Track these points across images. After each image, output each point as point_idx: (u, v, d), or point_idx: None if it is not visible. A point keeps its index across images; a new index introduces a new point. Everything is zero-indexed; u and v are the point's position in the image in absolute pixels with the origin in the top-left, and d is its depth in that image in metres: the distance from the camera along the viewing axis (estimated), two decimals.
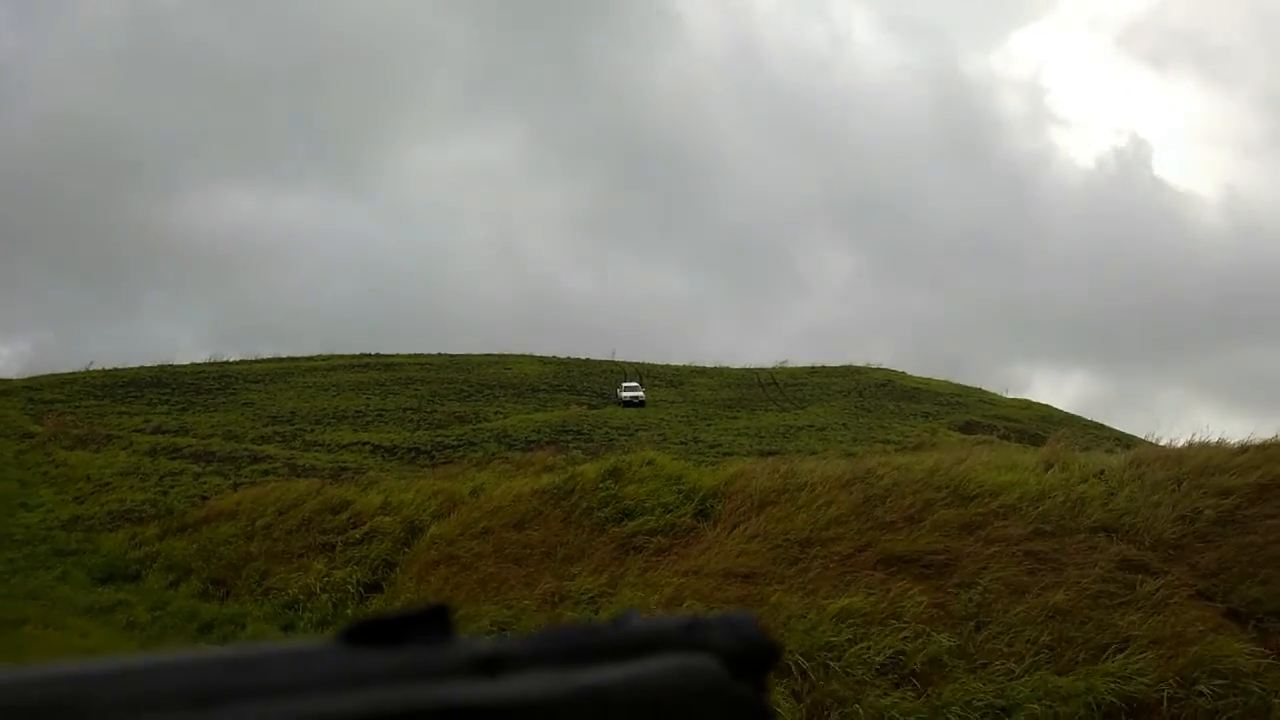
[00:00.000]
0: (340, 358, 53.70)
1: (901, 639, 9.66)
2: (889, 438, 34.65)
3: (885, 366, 60.04)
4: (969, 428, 40.29)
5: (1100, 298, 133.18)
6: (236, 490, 20.48)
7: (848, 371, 57.62)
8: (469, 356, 55.88)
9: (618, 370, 53.75)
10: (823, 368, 58.89)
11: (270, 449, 28.18)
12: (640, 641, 0.59)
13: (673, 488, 14.36)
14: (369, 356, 54.66)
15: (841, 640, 9.81)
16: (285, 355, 54.38)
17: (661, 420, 38.37)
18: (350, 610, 13.82)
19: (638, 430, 34.03)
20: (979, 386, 56.86)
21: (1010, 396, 55.17)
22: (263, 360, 52.37)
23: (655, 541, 13.20)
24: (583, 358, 58.75)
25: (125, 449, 26.40)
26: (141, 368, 47.14)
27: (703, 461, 20.64)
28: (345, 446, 30.04)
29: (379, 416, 36.57)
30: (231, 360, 52.23)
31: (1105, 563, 10.49)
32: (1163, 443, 15.74)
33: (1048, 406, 53.08)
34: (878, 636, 9.74)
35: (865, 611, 10.22)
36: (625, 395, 43.94)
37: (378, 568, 14.85)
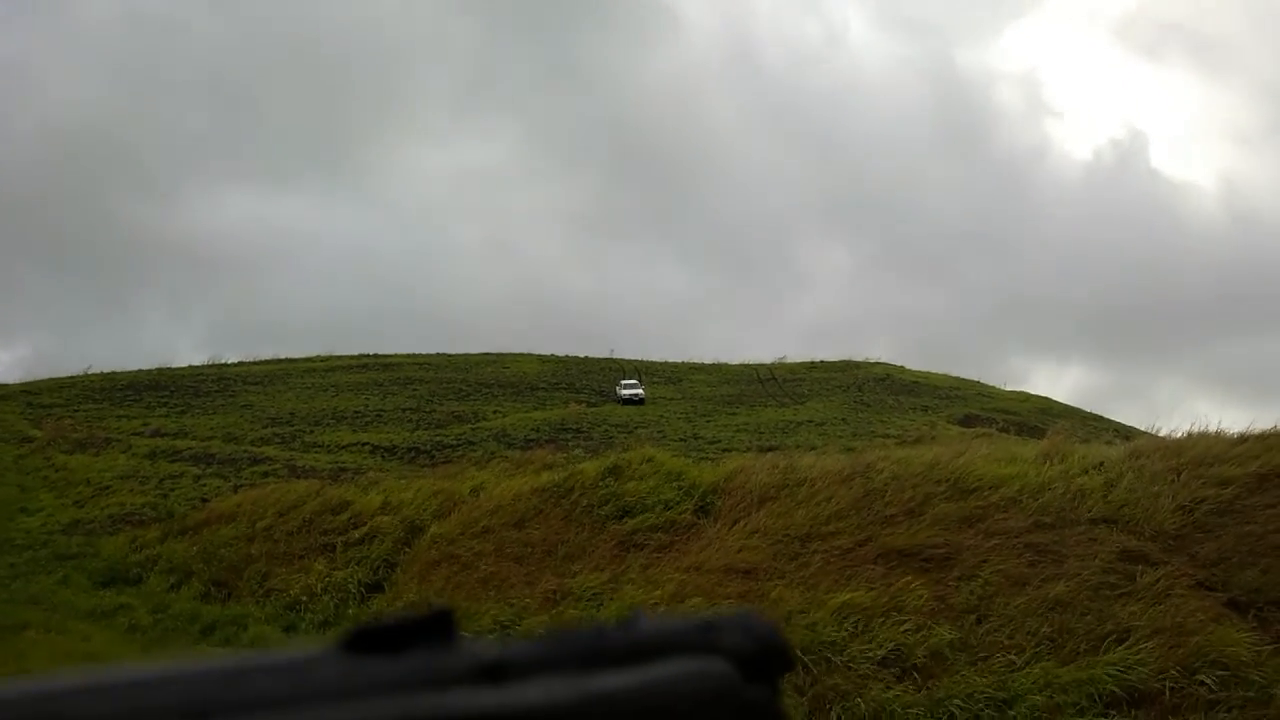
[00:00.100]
0: (339, 358, 53.64)
1: (902, 632, 9.67)
2: (888, 432, 34.67)
3: (884, 361, 60.05)
4: (968, 421, 40.34)
5: (1098, 289, 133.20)
6: (237, 492, 20.47)
7: (846, 366, 57.62)
8: (467, 356, 55.83)
9: (616, 368, 53.72)
10: (821, 363, 58.88)
11: (270, 450, 28.17)
12: (650, 645, 0.57)
13: (673, 484, 14.36)
14: (367, 357, 54.61)
15: (843, 634, 9.83)
16: (284, 356, 54.30)
17: (661, 417, 38.36)
18: (352, 610, 13.82)
19: (637, 428, 34.03)
20: (977, 379, 56.92)
21: (1009, 389, 55.20)
22: (261, 362, 52.30)
23: (656, 538, 13.21)
24: (581, 356, 58.70)
25: (125, 452, 26.38)
26: (140, 371, 47.04)
27: (702, 458, 20.66)
28: (345, 447, 30.03)
29: (378, 417, 36.55)
30: (230, 362, 52.15)
31: (1105, 554, 10.51)
32: (1162, 434, 15.79)
33: (1046, 399, 53.11)
34: (879, 630, 9.76)
35: (866, 605, 10.24)
36: (625, 393, 43.64)
37: (379, 568, 14.85)
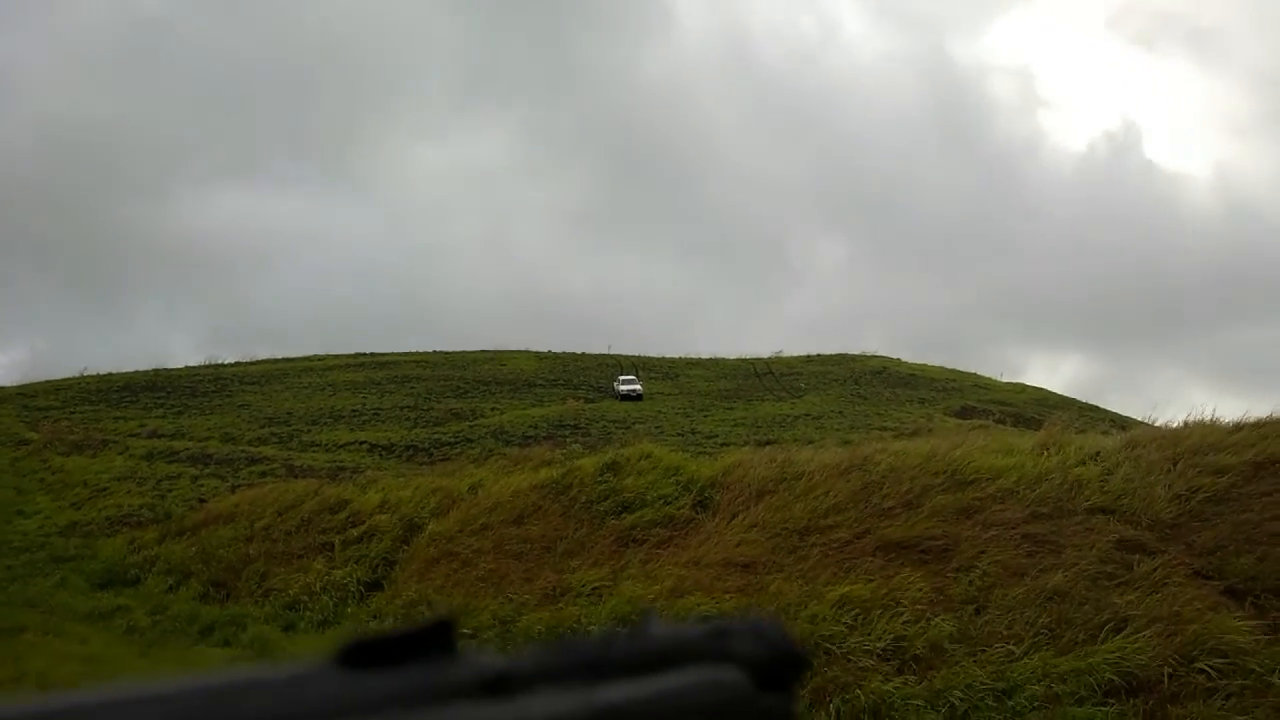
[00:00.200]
0: (336, 357, 53.55)
1: (901, 624, 9.69)
2: (885, 425, 34.71)
3: (880, 354, 60.17)
4: (965, 413, 40.40)
5: (1094, 280, 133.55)
6: (234, 492, 20.45)
7: (843, 359, 57.68)
8: (464, 353, 55.75)
9: (613, 364, 53.70)
10: (818, 356, 58.93)
11: (267, 450, 28.13)
12: (659, 654, 0.55)
13: (671, 479, 14.38)
14: (364, 356, 54.52)
15: (841, 627, 9.85)
16: (280, 356, 54.22)
17: (658, 412, 38.37)
18: (351, 609, 13.82)
19: (634, 423, 34.04)
20: (974, 371, 57.04)
21: (1005, 381, 55.34)
22: (258, 361, 52.20)
23: (655, 533, 13.23)
24: (578, 352, 58.66)
25: (121, 454, 26.32)
26: (136, 372, 46.92)
27: (700, 453, 20.68)
28: (342, 446, 30.00)
29: (375, 415, 36.51)
30: (226, 362, 52.05)
31: (1103, 544, 10.53)
32: (1158, 423, 15.81)
33: (1043, 390, 53.21)
34: (878, 622, 9.78)
35: (865, 598, 10.26)
36: (623, 389, 43.45)
37: (377, 566, 14.85)
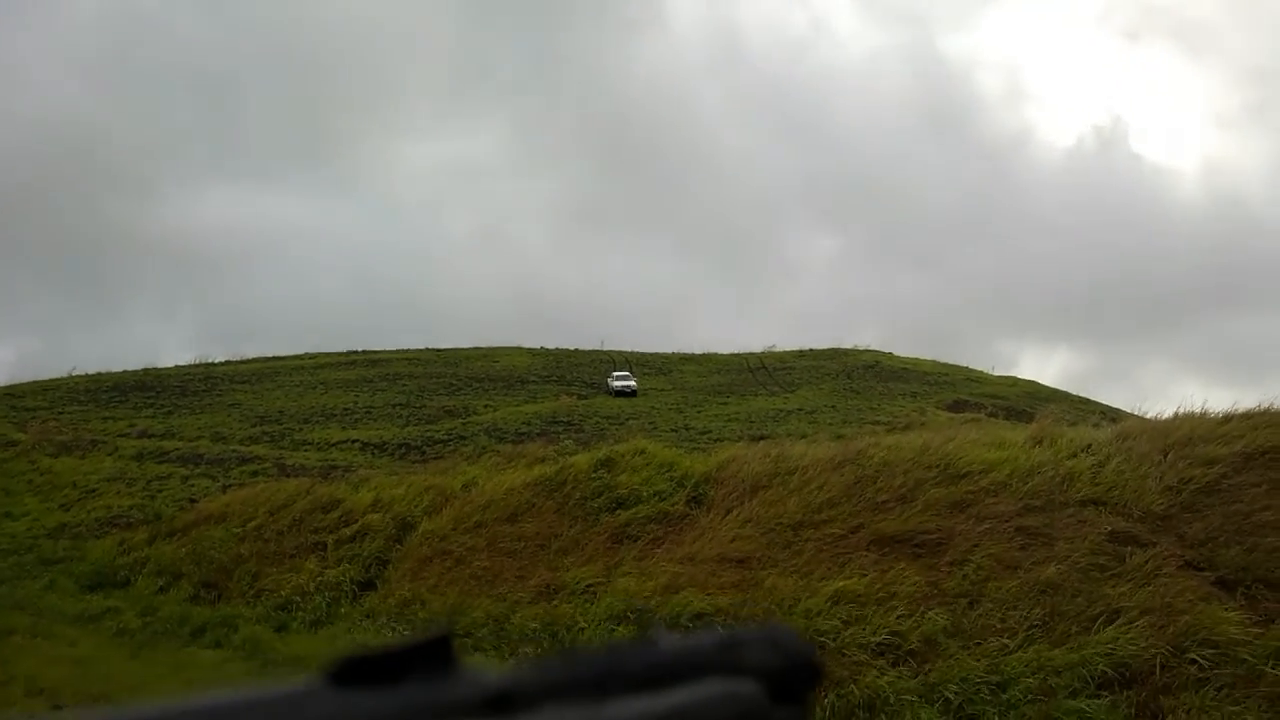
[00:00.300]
0: (327, 356, 53.35)
1: (896, 618, 9.69)
2: (878, 419, 34.76)
3: (872, 348, 60.25)
4: (957, 406, 40.50)
5: (1083, 273, 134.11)
6: (225, 492, 20.34)
7: (835, 354, 57.75)
8: (457, 350, 55.64)
9: (606, 360, 53.63)
10: (810, 351, 58.99)
11: (258, 449, 28.00)
12: (670, 666, 0.52)
13: (665, 475, 14.35)
14: (356, 354, 54.33)
15: (836, 622, 9.85)
16: (271, 355, 54.00)
17: (652, 408, 38.35)
18: (344, 609, 13.76)
19: (628, 419, 34.01)
20: (966, 365, 57.18)
21: (997, 374, 55.50)
22: (248, 360, 51.98)
23: (649, 530, 13.20)
24: (571, 348, 58.62)
25: (111, 454, 26.17)
26: (125, 372, 46.68)
27: (694, 448, 20.65)
28: (334, 445, 29.89)
29: (367, 413, 36.40)
30: (217, 361, 51.83)
31: (1095, 536, 10.55)
32: (1148, 415, 15.83)
33: (1034, 383, 53.40)
34: (872, 616, 9.78)
35: (859, 592, 10.26)
36: (617, 385, 43.20)
37: (370, 565, 14.78)
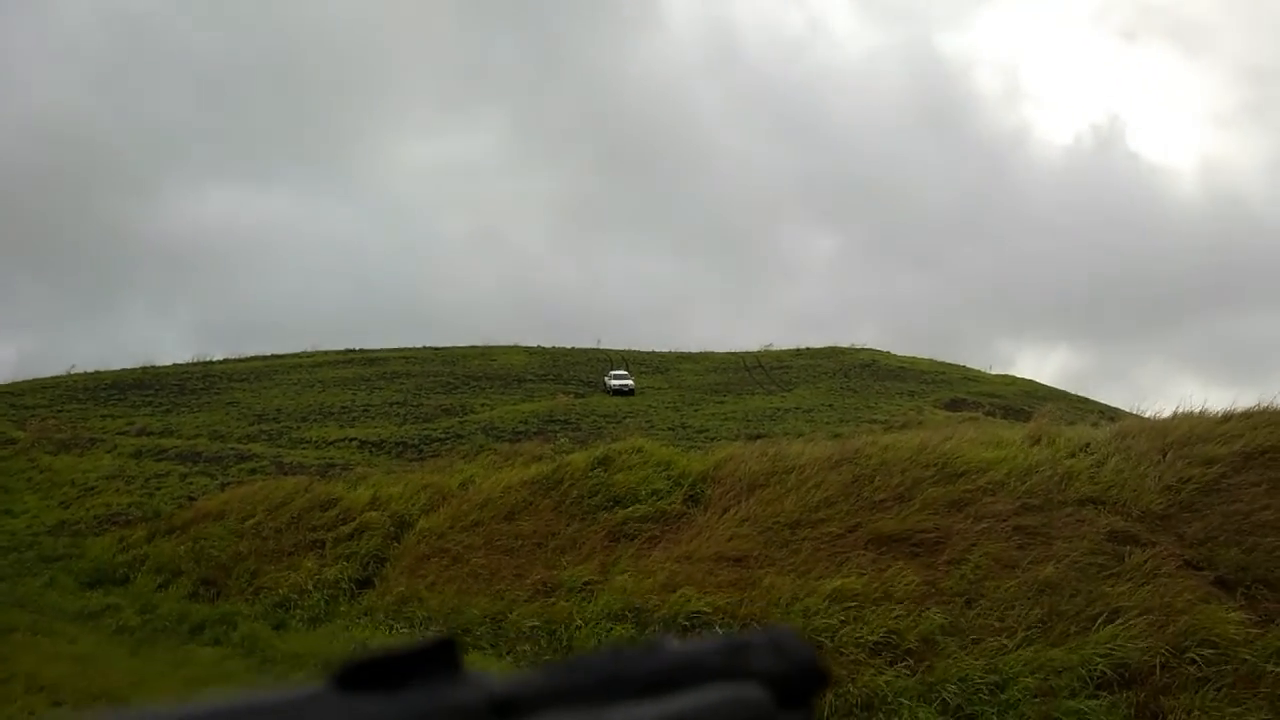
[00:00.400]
0: (325, 354, 53.34)
1: (894, 618, 9.70)
2: (875, 417, 34.76)
3: (869, 347, 60.27)
4: (955, 405, 40.51)
5: (1081, 272, 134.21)
6: (224, 490, 20.33)
7: (832, 353, 57.76)
8: (454, 349, 55.65)
9: (603, 358, 53.63)
10: (807, 350, 59.01)
11: (257, 448, 27.98)
12: (674, 671, 0.52)
13: (662, 474, 14.35)
14: (354, 352, 54.33)
15: (834, 621, 9.85)
16: (269, 353, 54.00)
17: (649, 407, 38.35)
18: (342, 606, 13.75)
19: (625, 418, 34.01)
20: (963, 364, 57.19)
21: (995, 373, 55.51)
22: (247, 359, 51.97)
23: (646, 528, 13.20)
24: (568, 347, 58.64)
25: (110, 452, 26.14)
26: (124, 370, 46.65)
27: (691, 447, 20.64)
28: (332, 443, 29.88)
29: (365, 412, 36.38)
30: (215, 359, 51.82)
31: (1093, 535, 10.55)
32: (1147, 414, 15.83)
33: (1032, 382, 53.41)
34: (870, 616, 9.78)
35: (857, 591, 10.26)
36: (614, 383, 43.19)
37: (368, 563, 14.77)
